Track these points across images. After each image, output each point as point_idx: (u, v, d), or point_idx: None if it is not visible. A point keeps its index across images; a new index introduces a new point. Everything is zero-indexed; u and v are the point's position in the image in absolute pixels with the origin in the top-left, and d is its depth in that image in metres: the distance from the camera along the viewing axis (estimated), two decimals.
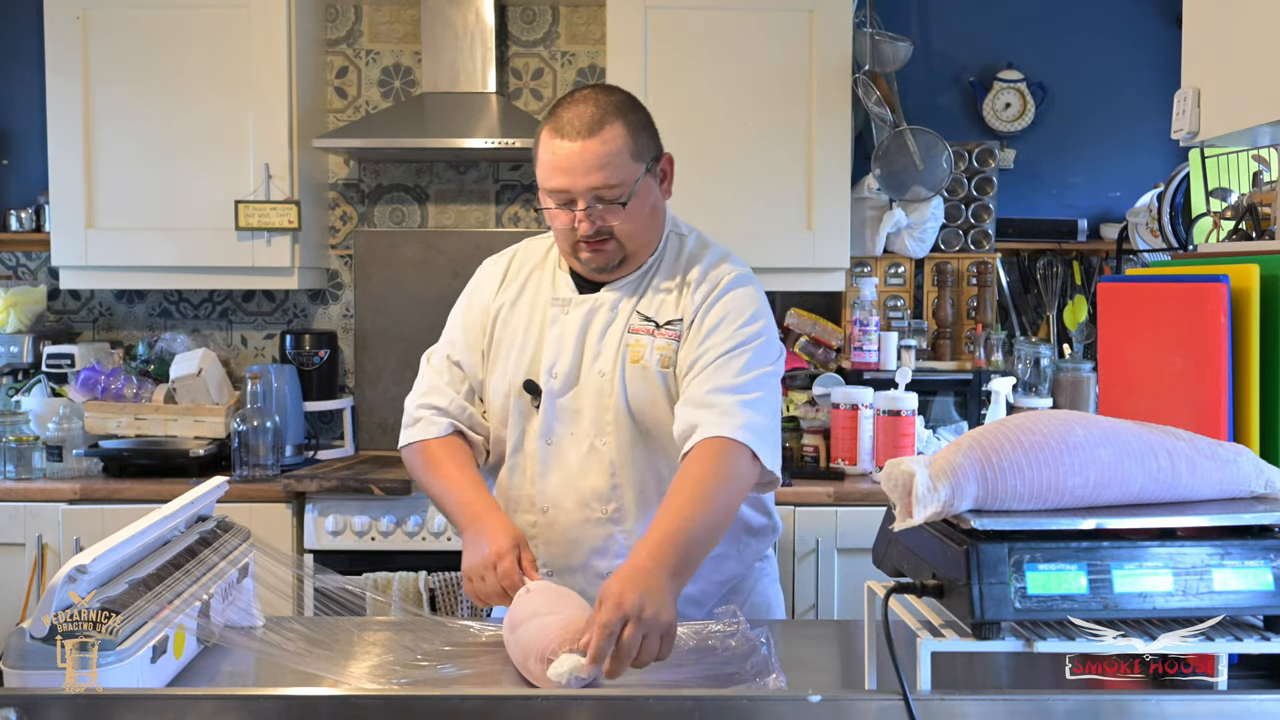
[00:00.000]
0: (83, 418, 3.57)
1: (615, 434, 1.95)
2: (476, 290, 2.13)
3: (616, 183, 1.89)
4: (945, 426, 3.72)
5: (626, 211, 1.91)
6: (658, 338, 1.97)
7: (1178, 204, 3.28)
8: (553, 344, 1.99)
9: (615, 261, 1.96)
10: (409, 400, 2.14)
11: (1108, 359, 1.77)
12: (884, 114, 3.69)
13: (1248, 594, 1.20)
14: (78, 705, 1.26)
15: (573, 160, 1.88)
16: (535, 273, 2.08)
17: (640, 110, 1.97)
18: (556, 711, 1.31)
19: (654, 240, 2.01)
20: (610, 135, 1.88)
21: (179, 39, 3.61)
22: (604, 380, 1.96)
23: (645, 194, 1.94)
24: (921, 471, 1.22)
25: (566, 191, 1.90)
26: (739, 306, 1.96)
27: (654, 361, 1.95)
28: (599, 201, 1.89)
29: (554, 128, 1.91)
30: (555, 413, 1.98)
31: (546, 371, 1.99)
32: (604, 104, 1.91)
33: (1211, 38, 1.82)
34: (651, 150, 1.96)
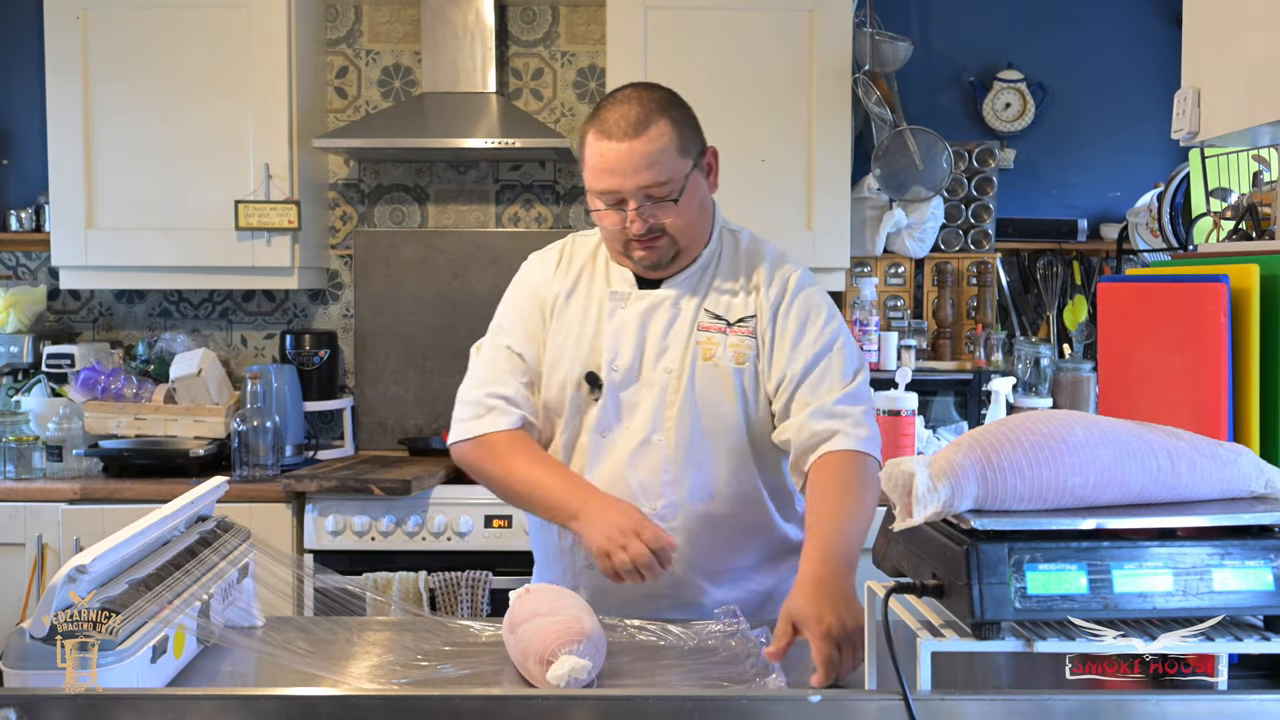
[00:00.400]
0: (83, 418, 3.57)
1: (676, 430, 1.96)
2: (528, 282, 2.13)
3: (666, 180, 1.89)
4: (945, 426, 3.72)
5: (678, 207, 1.91)
6: (730, 335, 1.98)
7: (1178, 204, 3.29)
8: (612, 338, 1.99)
9: (668, 258, 1.97)
10: (467, 392, 2.10)
11: (1108, 359, 1.77)
12: (884, 114, 3.69)
13: (1248, 594, 1.20)
14: (78, 705, 1.26)
15: (621, 161, 1.89)
16: (588, 266, 2.08)
17: (683, 106, 1.97)
18: (556, 711, 1.31)
19: (705, 234, 2.02)
20: (656, 133, 1.89)
21: (179, 39, 3.61)
22: (670, 377, 1.96)
23: (694, 189, 1.95)
24: (921, 471, 1.22)
25: (616, 192, 1.91)
26: (814, 305, 2.00)
27: (728, 359, 1.96)
28: (649, 200, 1.90)
29: (599, 129, 1.92)
30: (614, 406, 1.99)
31: (608, 365, 1.99)
32: (647, 102, 1.91)
33: (1211, 38, 1.82)
34: (697, 144, 1.96)
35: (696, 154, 1.96)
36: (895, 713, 1.23)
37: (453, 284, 3.97)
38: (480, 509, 3.33)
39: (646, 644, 1.68)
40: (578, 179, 4.02)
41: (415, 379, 3.99)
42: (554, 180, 4.02)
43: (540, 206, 4.02)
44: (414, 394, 3.98)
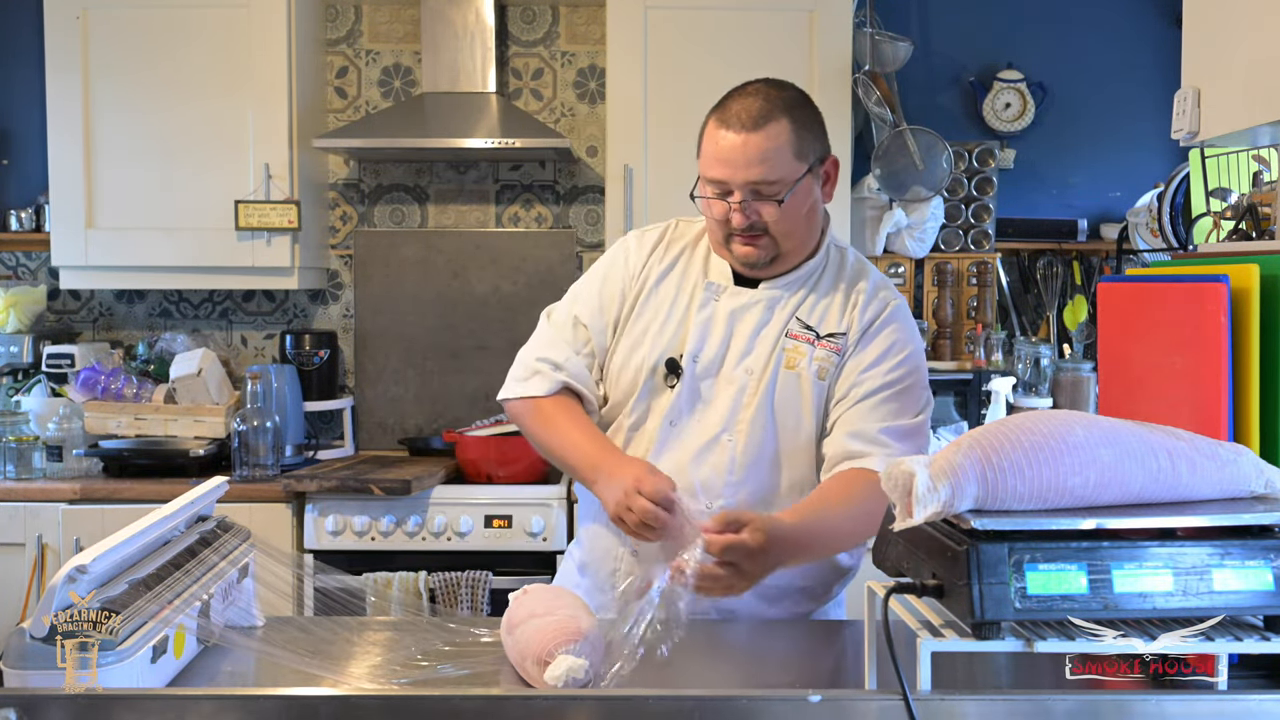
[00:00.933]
0: (83, 418, 3.57)
1: (748, 433, 1.94)
2: (621, 259, 2.09)
3: (775, 179, 1.88)
4: (945, 426, 3.72)
5: (782, 209, 1.89)
6: (817, 348, 1.96)
7: (1178, 204, 3.28)
8: (699, 328, 1.98)
9: (768, 258, 1.95)
10: (523, 352, 2.09)
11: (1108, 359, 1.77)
12: (884, 114, 3.69)
13: (1248, 594, 1.20)
14: (78, 705, 1.26)
15: (735, 152, 1.87)
16: (686, 252, 2.06)
17: (809, 109, 1.95)
18: (556, 711, 1.31)
19: (809, 241, 1.99)
20: (774, 131, 1.87)
21: (179, 39, 3.62)
22: (750, 378, 1.95)
23: (804, 194, 1.92)
24: (921, 471, 1.22)
25: (725, 183, 1.90)
26: (903, 337, 1.98)
27: (811, 371, 1.94)
28: (756, 196, 1.89)
29: (720, 118, 1.90)
30: (689, 397, 1.97)
31: (690, 354, 1.97)
32: (773, 99, 1.89)
33: (1211, 38, 1.82)
34: (817, 151, 1.94)
35: (814, 160, 1.93)
36: (895, 713, 1.23)
37: (453, 284, 3.97)
38: (480, 509, 3.33)
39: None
40: (578, 179, 4.02)
41: (415, 379, 3.99)
42: (554, 180, 4.02)
43: (540, 206, 4.02)
44: (414, 394, 3.98)
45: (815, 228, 2.00)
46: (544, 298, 2.21)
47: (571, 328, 2.06)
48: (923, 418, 1.97)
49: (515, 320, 3.89)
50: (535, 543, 3.32)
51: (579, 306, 2.07)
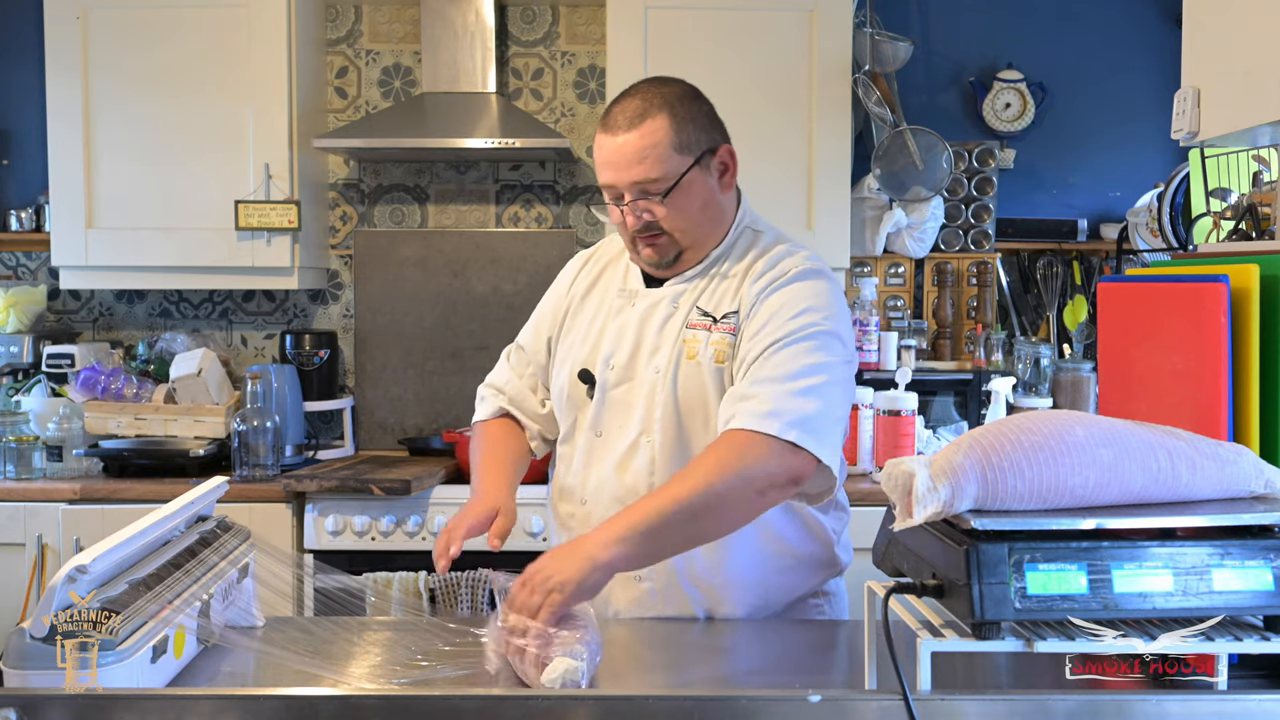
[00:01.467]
0: (83, 418, 3.57)
1: (661, 432, 1.91)
2: (558, 279, 2.17)
3: (658, 176, 1.87)
4: (945, 426, 3.72)
5: (672, 205, 1.88)
6: (713, 332, 1.91)
7: (1178, 204, 3.29)
8: (613, 336, 1.98)
9: (670, 256, 1.94)
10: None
11: (1108, 359, 1.77)
12: (884, 114, 3.69)
13: (1248, 594, 1.20)
14: (78, 705, 1.26)
15: (615, 154, 1.88)
16: (611, 265, 2.08)
17: (694, 102, 1.93)
18: (556, 711, 1.31)
19: (711, 234, 1.96)
20: (651, 128, 1.86)
21: (179, 38, 3.61)
22: (658, 376, 1.92)
23: (693, 187, 1.90)
24: (921, 471, 1.22)
25: (613, 186, 1.90)
26: (799, 296, 1.87)
27: (708, 357, 1.90)
28: (643, 195, 1.88)
29: (603, 123, 1.91)
30: (606, 405, 1.97)
31: (603, 362, 1.97)
32: (651, 97, 1.89)
33: (1211, 38, 1.82)
34: (704, 143, 1.91)
35: (702, 152, 1.91)
36: (895, 713, 1.23)
37: (453, 284, 3.97)
38: None
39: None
40: (578, 179, 4.02)
41: (415, 379, 3.99)
42: (554, 180, 4.02)
43: (540, 206, 4.02)
44: (414, 394, 3.98)
45: (716, 219, 1.97)
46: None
47: (515, 353, 2.17)
48: (808, 361, 1.80)
49: (515, 320, 3.86)
50: (535, 543, 3.32)
51: (523, 333, 2.18)
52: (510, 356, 2.19)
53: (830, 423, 1.78)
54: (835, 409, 1.80)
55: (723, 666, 1.75)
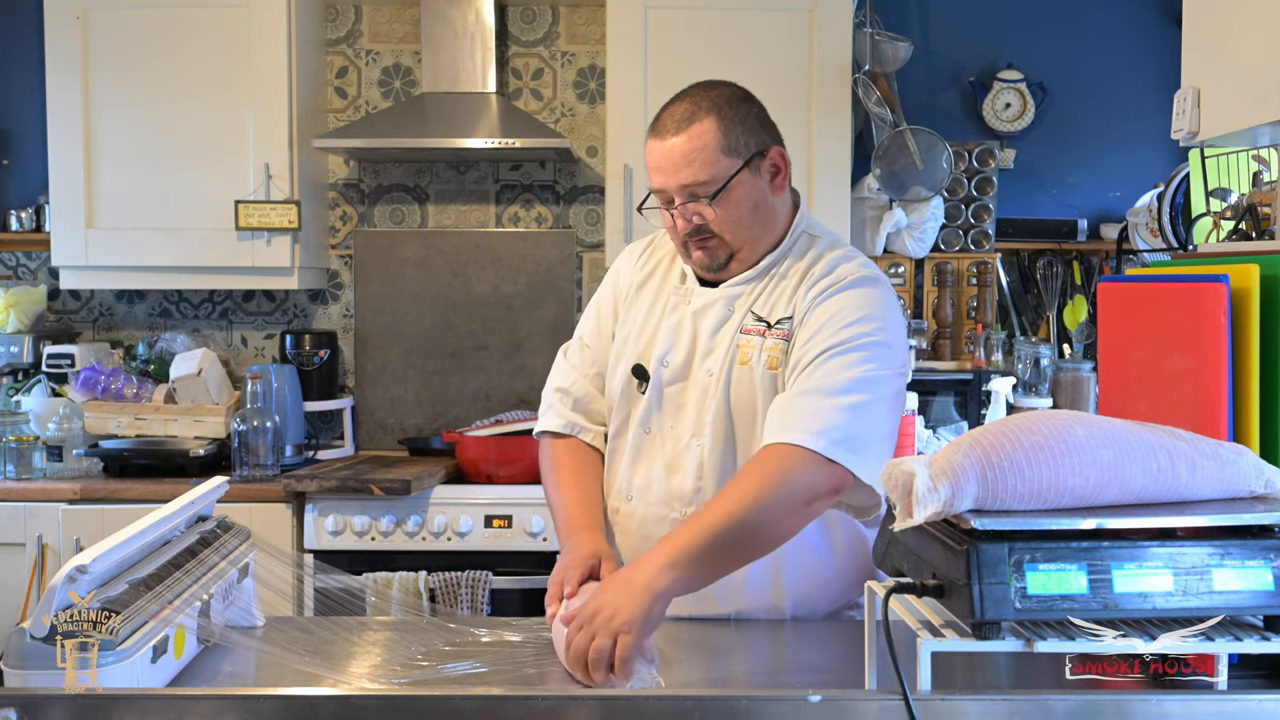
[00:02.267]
0: (83, 418, 3.57)
1: (711, 435, 1.89)
2: (613, 271, 2.13)
3: (706, 179, 1.86)
4: (945, 426, 3.72)
5: (721, 207, 1.87)
6: (767, 338, 1.89)
7: (1178, 204, 3.28)
8: (668, 333, 1.96)
9: (722, 259, 1.92)
10: (546, 387, 2.14)
11: (1108, 359, 1.77)
12: (884, 114, 3.69)
13: (1248, 594, 1.20)
14: (78, 705, 1.26)
15: (664, 158, 1.88)
16: (665, 259, 2.06)
17: (743, 104, 1.93)
18: (556, 711, 1.31)
19: (763, 237, 1.94)
20: (699, 131, 1.86)
21: (179, 39, 3.62)
22: (711, 380, 1.91)
23: (743, 189, 1.88)
24: (921, 471, 1.22)
25: (663, 190, 1.90)
26: (853, 304, 1.85)
27: (760, 364, 1.88)
28: (693, 198, 1.87)
29: (653, 129, 1.92)
30: (658, 403, 1.95)
31: (658, 359, 1.96)
32: (699, 100, 1.89)
33: (1211, 38, 1.82)
34: (753, 145, 1.90)
35: (751, 154, 1.89)
36: (895, 713, 1.23)
37: (453, 284, 3.97)
38: (480, 509, 3.33)
39: None
40: (578, 179, 4.02)
41: (415, 379, 3.99)
42: (554, 180, 4.02)
43: (540, 206, 4.02)
44: (414, 394, 3.98)
45: (768, 222, 1.95)
46: (544, 298, 2.22)
47: (580, 352, 2.10)
48: (857, 373, 1.77)
49: (515, 320, 3.89)
50: (535, 543, 3.32)
51: (584, 328, 2.12)
52: (569, 353, 2.12)
53: (873, 440, 1.76)
54: (880, 425, 1.79)
55: (723, 666, 1.75)
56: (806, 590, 1.94)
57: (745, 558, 1.74)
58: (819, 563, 1.94)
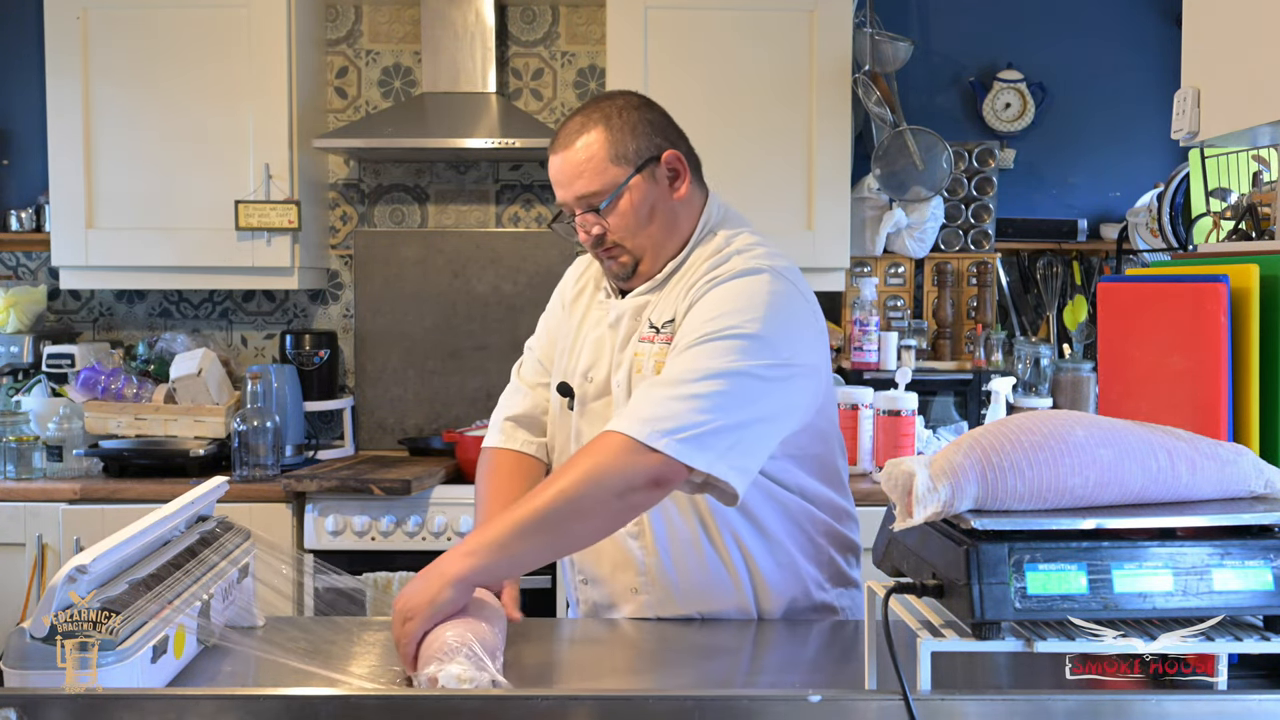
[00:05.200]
0: (83, 418, 3.57)
1: None
2: (560, 286, 2.15)
3: (596, 189, 1.86)
4: (945, 426, 3.72)
5: (614, 216, 1.87)
6: (655, 344, 1.87)
7: (1178, 204, 3.29)
8: (590, 348, 1.97)
9: (629, 269, 1.92)
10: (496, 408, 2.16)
11: (1108, 359, 1.77)
12: (884, 114, 3.69)
13: (1248, 594, 1.20)
14: (78, 705, 1.26)
15: (558, 172, 1.90)
16: (595, 275, 2.05)
17: (634, 111, 1.90)
18: (556, 711, 1.31)
19: (665, 243, 1.91)
20: (586, 142, 1.87)
21: (179, 39, 3.62)
22: (620, 391, 1.90)
23: (635, 196, 1.87)
24: (921, 471, 1.22)
25: (564, 204, 1.92)
26: (728, 296, 1.77)
27: (650, 370, 1.84)
28: (589, 210, 1.88)
29: (550, 144, 1.93)
30: (587, 419, 1.95)
31: (582, 375, 1.96)
32: (590, 112, 1.90)
33: (1211, 38, 1.82)
34: (642, 151, 1.87)
35: (642, 160, 1.87)
36: (895, 713, 1.23)
37: (453, 284, 3.97)
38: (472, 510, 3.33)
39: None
40: None
41: (415, 379, 3.99)
42: None
43: (540, 206, 4.02)
44: (414, 394, 3.98)
45: (669, 227, 1.91)
46: (544, 298, 2.21)
47: (530, 363, 2.14)
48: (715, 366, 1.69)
49: (515, 320, 3.89)
50: None
51: (534, 340, 2.15)
52: (522, 370, 2.15)
53: (721, 430, 1.66)
54: (733, 414, 1.67)
55: (723, 666, 1.75)
56: (778, 582, 1.92)
57: (555, 549, 1.74)
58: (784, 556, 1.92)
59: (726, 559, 1.89)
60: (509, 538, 1.62)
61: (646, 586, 1.91)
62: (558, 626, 1.94)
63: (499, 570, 1.65)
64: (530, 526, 1.62)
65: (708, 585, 1.89)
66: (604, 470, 1.64)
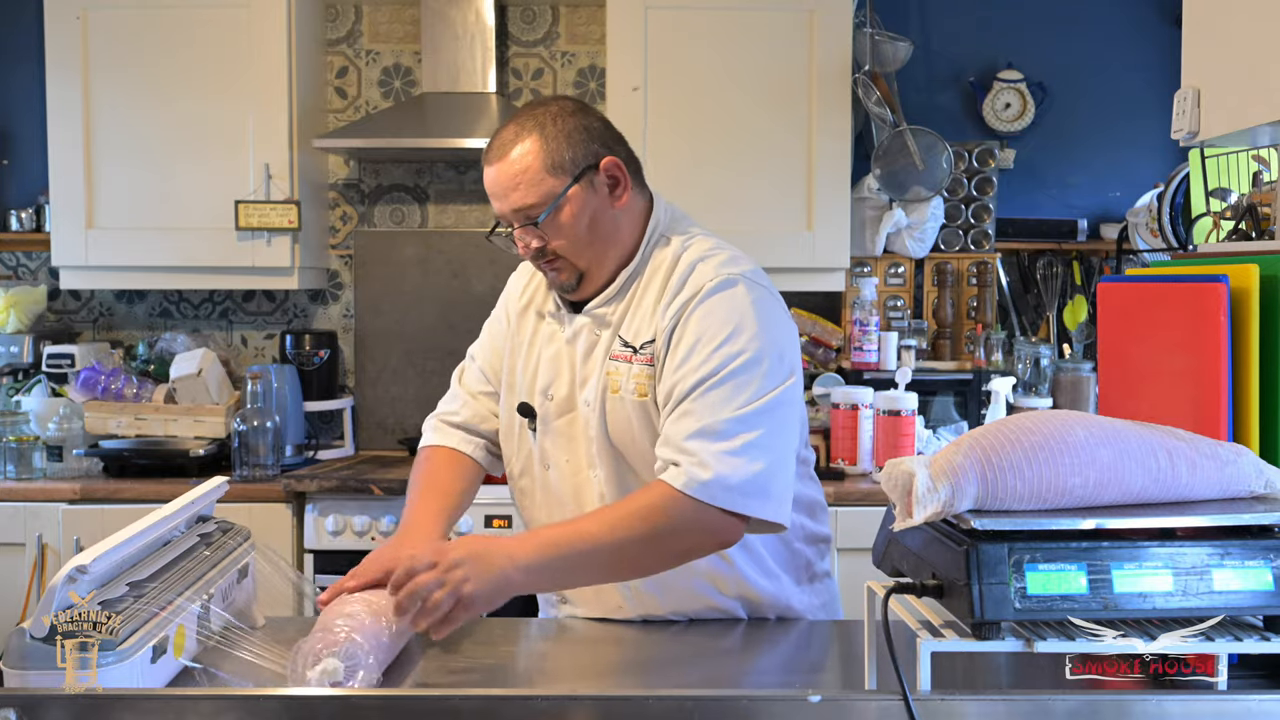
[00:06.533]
0: (83, 418, 3.57)
1: (603, 465, 1.86)
2: (505, 294, 2.08)
3: (533, 201, 1.80)
4: (945, 426, 3.72)
5: (552, 228, 1.80)
6: (634, 364, 1.82)
7: (1178, 204, 3.29)
8: (548, 365, 1.92)
9: (572, 280, 1.86)
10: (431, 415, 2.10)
11: (1108, 359, 1.77)
12: (884, 114, 3.69)
13: (1248, 594, 1.20)
14: (78, 705, 1.26)
15: (493, 184, 1.83)
16: (541, 287, 1.99)
17: (569, 118, 1.83)
18: (556, 711, 1.31)
19: (609, 252, 1.86)
20: (520, 153, 1.80)
21: (179, 39, 3.62)
22: (589, 410, 1.86)
23: (574, 207, 1.81)
24: (921, 471, 1.22)
25: (502, 215, 1.86)
26: (718, 319, 1.76)
27: (630, 391, 1.82)
28: (527, 221, 1.82)
29: (484, 154, 1.87)
30: (551, 439, 1.91)
31: (542, 394, 1.91)
32: (524, 121, 1.83)
33: (1211, 38, 1.82)
34: (581, 160, 1.81)
35: (580, 169, 1.81)
36: (895, 713, 1.23)
37: (453, 284, 3.98)
38: (480, 509, 3.33)
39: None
40: None
41: (415, 379, 3.99)
42: None
43: None
44: (414, 394, 3.98)
45: (611, 236, 1.85)
46: None
47: (472, 371, 2.08)
48: (751, 408, 1.72)
49: None
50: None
51: (476, 347, 2.09)
52: (464, 377, 2.09)
53: (770, 477, 1.72)
54: (772, 452, 1.73)
55: (723, 666, 1.75)
56: (762, 590, 1.91)
57: (605, 581, 1.81)
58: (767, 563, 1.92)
59: (713, 576, 1.87)
60: (571, 565, 1.69)
61: (633, 605, 1.89)
62: (549, 626, 1.93)
63: (548, 588, 1.77)
64: (592, 559, 1.69)
65: (692, 598, 1.88)
66: (675, 533, 1.71)
